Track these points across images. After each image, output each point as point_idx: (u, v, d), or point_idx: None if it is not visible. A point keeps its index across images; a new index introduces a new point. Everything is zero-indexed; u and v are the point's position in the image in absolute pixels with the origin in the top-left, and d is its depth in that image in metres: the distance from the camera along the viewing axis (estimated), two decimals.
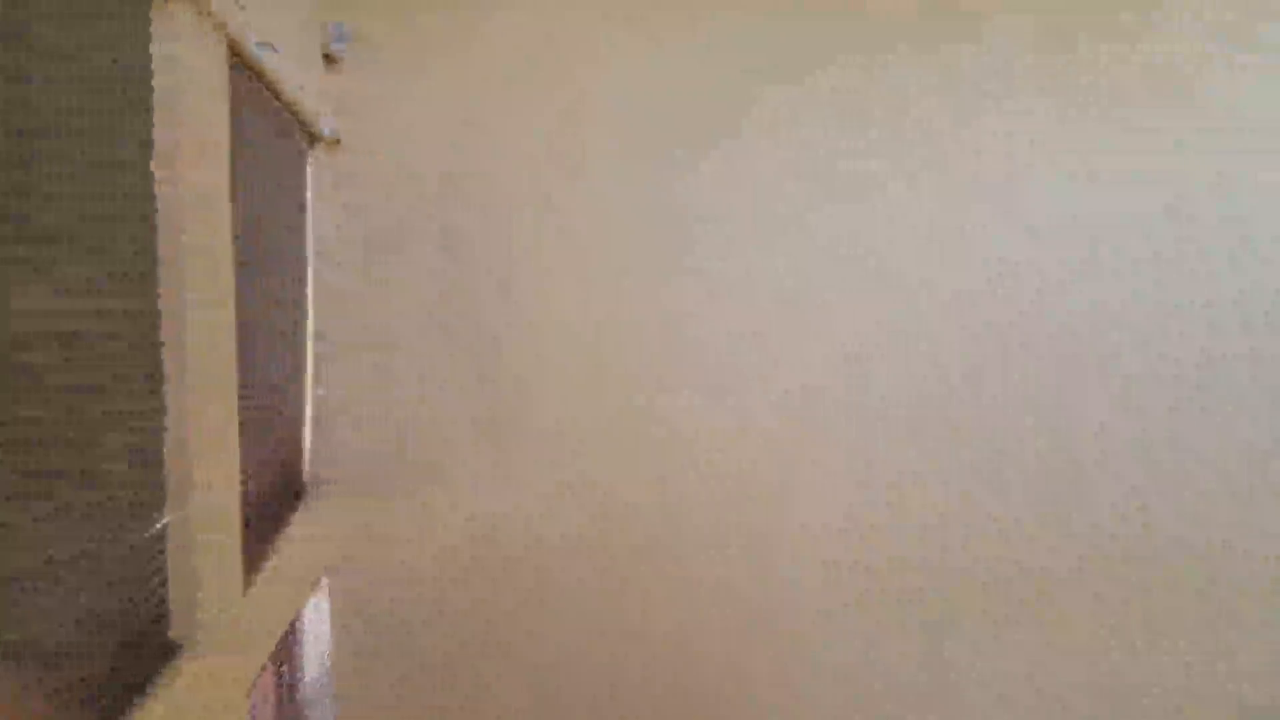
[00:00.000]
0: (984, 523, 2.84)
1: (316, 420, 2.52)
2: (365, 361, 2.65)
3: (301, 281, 2.41)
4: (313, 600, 2.58)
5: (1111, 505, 2.84)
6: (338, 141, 2.55)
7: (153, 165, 1.36)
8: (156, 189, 1.38)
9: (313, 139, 2.41)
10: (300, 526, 2.30)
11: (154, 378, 1.37)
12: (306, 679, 2.59)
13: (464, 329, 2.68)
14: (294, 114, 2.18)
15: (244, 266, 1.77)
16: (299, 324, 2.38)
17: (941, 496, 2.83)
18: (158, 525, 1.37)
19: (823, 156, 2.74)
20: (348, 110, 2.58)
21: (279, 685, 2.33)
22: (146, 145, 1.35)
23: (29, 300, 1.07)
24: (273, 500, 2.16)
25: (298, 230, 2.36)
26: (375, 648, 2.71)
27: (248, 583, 1.82)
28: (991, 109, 2.74)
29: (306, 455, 2.47)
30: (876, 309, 2.78)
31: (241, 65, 1.75)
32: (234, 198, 1.69)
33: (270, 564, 2.00)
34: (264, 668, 2.03)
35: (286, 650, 2.45)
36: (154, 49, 1.39)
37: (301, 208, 2.39)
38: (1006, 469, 2.83)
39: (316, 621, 2.64)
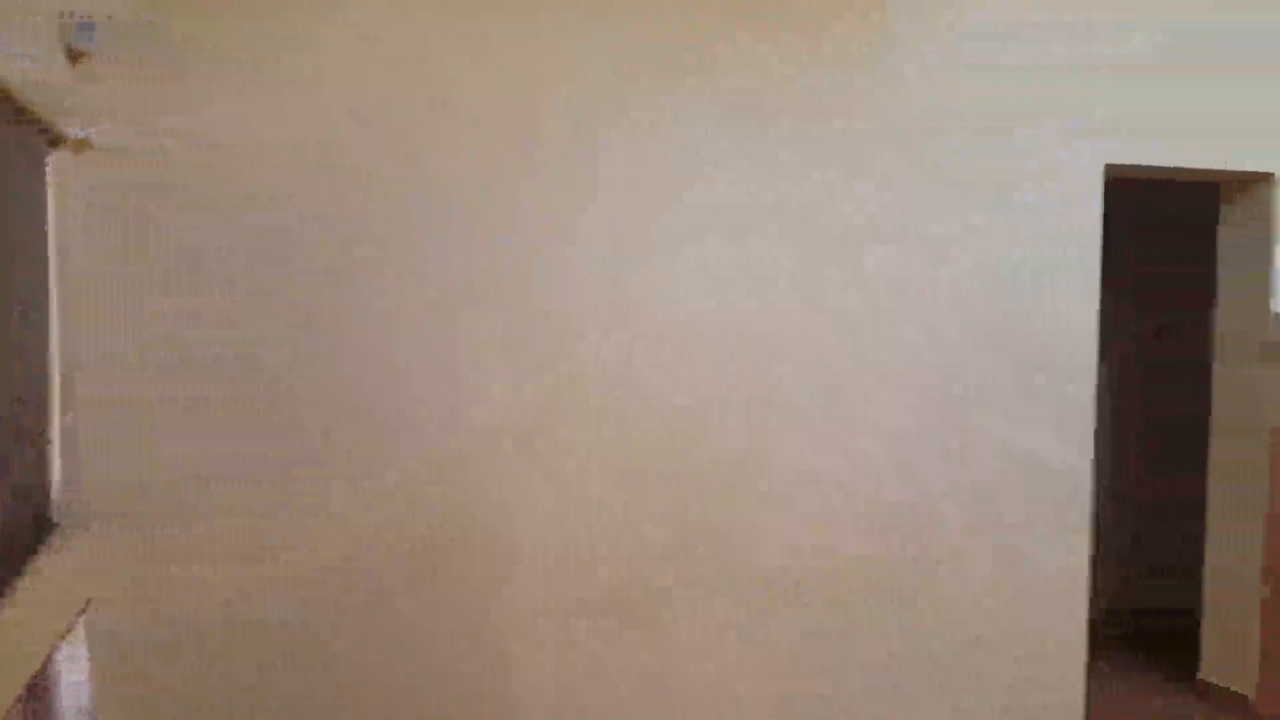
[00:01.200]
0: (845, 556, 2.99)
1: (66, 449, 2.32)
2: (121, 385, 2.46)
3: (44, 297, 2.22)
4: (69, 640, 2.38)
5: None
6: (87, 144, 2.36)
7: None
8: None
9: (55, 142, 2.22)
10: (50, 561, 2.12)
11: None
12: None
13: (231, 345, 2.54)
14: (28, 116, 2.00)
15: None
16: (42, 345, 2.19)
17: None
18: None
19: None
20: (98, 109, 2.39)
21: None
22: None
23: None
24: (12, 535, 1.97)
25: (38, 242, 2.16)
26: (141, 687, 2.54)
27: None
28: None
29: (56, 486, 2.27)
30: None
31: None
32: None
33: (9, 607, 1.83)
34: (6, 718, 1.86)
35: (37, 696, 2.25)
36: None
37: (42, 217, 2.20)
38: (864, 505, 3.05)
39: (74, 662, 2.44)
